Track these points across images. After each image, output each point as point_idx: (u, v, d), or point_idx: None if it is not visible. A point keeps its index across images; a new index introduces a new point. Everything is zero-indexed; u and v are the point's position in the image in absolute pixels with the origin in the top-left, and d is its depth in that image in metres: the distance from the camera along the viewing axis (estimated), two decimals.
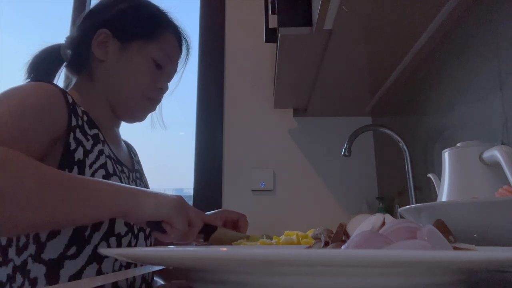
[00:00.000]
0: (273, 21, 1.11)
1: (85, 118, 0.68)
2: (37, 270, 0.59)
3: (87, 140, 0.66)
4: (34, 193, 0.47)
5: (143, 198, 0.56)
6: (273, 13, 1.13)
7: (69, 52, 0.76)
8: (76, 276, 0.61)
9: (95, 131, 0.69)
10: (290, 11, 1.01)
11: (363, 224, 0.31)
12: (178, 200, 0.59)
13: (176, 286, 0.53)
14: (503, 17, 0.76)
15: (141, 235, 0.73)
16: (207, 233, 0.65)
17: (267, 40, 1.17)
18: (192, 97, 1.73)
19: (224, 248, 0.24)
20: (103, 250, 0.29)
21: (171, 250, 0.24)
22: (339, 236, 0.32)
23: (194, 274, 0.27)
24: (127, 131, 0.88)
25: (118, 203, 0.55)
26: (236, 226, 0.77)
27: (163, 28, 0.79)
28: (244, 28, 1.77)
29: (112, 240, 0.65)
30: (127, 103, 0.77)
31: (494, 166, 0.60)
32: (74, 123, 0.64)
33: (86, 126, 0.67)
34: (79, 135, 0.65)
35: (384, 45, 1.04)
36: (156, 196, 0.58)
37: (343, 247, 0.28)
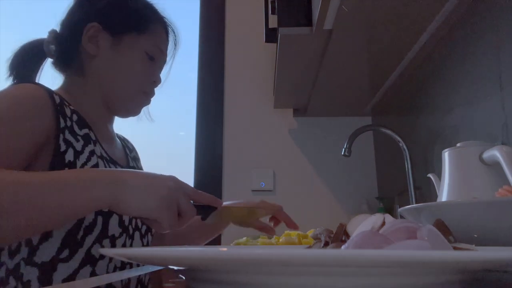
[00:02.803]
0: (273, 21, 1.11)
1: (74, 118, 0.66)
2: (30, 273, 0.58)
3: (77, 141, 0.65)
4: (5, 202, 0.46)
5: (128, 189, 0.51)
6: (273, 13, 1.13)
7: (53, 47, 0.73)
8: (70, 278, 0.60)
9: (85, 130, 0.68)
10: (290, 11, 1.01)
11: (363, 224, 0.31)
12: (167, 192, 0.53)
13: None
14: (503, 17, 0.76)
15: (137, 234, 0.72)
16: (205, 214, 0.62)
17: (267, 40, 1.17)
18: (192, 97, 1.73)
19: (224, 248, 0.24)
20: (103, 251, 0.29)
21: (171, 250, 0.24)
22: (339, 236, 0.32)
23: (194, 274, 0.27)
24: (127, 130, 0.88)
25: (97, 197, 0.50)
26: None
27: (153, 20, 0.78)
28: (244, 28, 1.77)
29: (106, 242, 0.64)
30: (122, 98, 0.76)
31: (494, 166, 0.60)
32: (62, 124, 0.63)
33: (75, 127, 0.66)
34: (68, 136, 0.63)
35: (384, 45, 1.04)
36: (144, 186, 0.52)
37: (343, 247, 0.28)
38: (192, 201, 0.58)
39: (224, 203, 0.71)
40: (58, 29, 0.75)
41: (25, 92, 0.61)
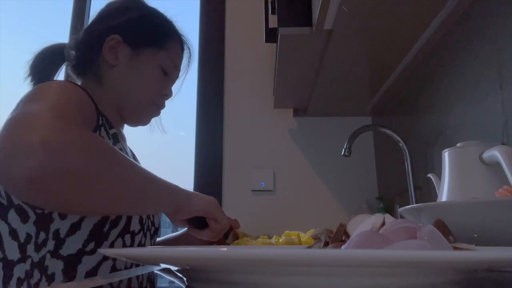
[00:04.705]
0: (273, 21, 1.11)
1: (103, 118, 0.70)
2: (55, 266, 0.60)
3: (109, 139, 0.68)
4: (110, 174, 0.50)
5: (193, 197, 0.66)
6: (273, 13, 1.13)
7: (73, 53, 0.77)
8: (93, 271, 0.62)
9: (114, 130, 0.72)
10: (290, 11, 1.01)
11: (363, 224, 0.30)
12: (216, 202, 0.70)
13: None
14: (503, 17, 0.76)
15: (148, 234, 0.75)
16: (225, 234, 0.75)
17: (267, 40, 1.17)
18: (192, 97, 1.73)
19: (224, 248, 0.24)
20: (103, 251, 0.29)
21: (171, 250, 0.24)
22: (339, 236, 0.32)
23: (194, 274, 0.27)
24: (127, 131, 0.89)
25: (175, 199, 0.63)
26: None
27: (171, 37, 0.82)
28: (244, 28, 1.77)
29: (127, 237, 0.67)
30: (135, 108, 0.80)
31: (494, 166, 0.60)
32: (100, 121, 0.67)
33: (107, 126, 0.70)
34: (103, 133, 0.67)
35: (384, 45, 1.04)
36: (202, 197, 0.69)
37: (343, 247, 0.28)
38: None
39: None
40: (80, 36, 0.79)
41: (74, 87, 0.63)
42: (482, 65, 0.82)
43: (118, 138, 0.72)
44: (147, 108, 0.81)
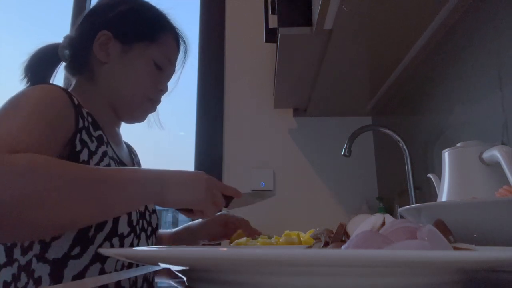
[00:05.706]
0: (273, 21, 1.11)
1: (89, 119, 0.68)
2: (42, 270, 0.59)
3: (92, 141, 0.67)
4: (66, 194, 0.49)
5: (172, 185, 0.59)
6: (273, 13, 1.13)
7: (67, 52, 0.76)
8: (80, 275, 0.61)
9: (99, 132, 0.70)
10: (290, 11, 1.01)
11: (363, 224, 0.31)
12: (206, 186, 0.62)
13: None
14: (503, 17, 0.76)
15: (143, 235, 0.74)
16: (227, 202, 0.71)
17: (267, 40, 1.17)
18: (192, 97, 1.73)
19: (224, 248, 0.24)
20: (103, 251, 0.29)
21: (171, 250, 0.24)
22: (339, 236, 0.32)
23: (194, 274, 0.27)
24: (127, 131, 0.89)
25: (148, 193, 0.57)
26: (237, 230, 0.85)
27: (163, 30, 0.80)
28: (244, 28, 1.77)
29: (115, 240, 0.65)
30: (129, 104, 0.78)
31: (494, 166, 0.60)
32: (81, 124, 0.65)
33: (91, 128, 0.68)
34: (84, 136, 0.65)
35: (384, 45, 1.04)
36: (185, 182, 0.61)
37: (343, 247, 0.28)
38: None
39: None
40: (72, 34, 0.78)
41: (50, 93, 0.62)
42: (482, 65, 0.82)
43: (103, 140, 0.70)
44: (141, 105, 0.79)
